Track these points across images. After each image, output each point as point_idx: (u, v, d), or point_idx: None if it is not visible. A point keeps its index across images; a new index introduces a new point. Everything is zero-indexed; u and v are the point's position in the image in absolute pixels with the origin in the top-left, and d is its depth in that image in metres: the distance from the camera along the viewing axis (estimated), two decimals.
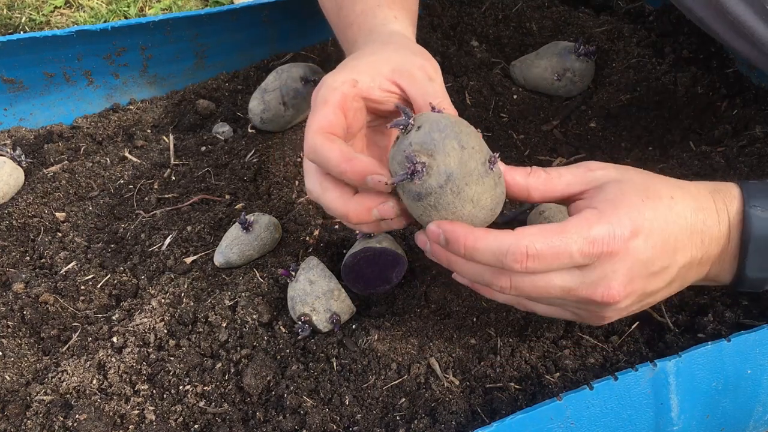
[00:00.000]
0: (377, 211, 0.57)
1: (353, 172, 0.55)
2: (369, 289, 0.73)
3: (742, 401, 0.60)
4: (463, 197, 0.53)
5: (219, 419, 0.64)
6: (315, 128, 0.58)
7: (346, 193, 0.58)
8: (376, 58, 0.63)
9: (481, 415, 0.61)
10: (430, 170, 0.52)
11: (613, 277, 0.52)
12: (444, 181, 0.52)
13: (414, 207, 0.55)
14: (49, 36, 1.00)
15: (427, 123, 0.53)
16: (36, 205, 0.91)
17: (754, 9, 0.74)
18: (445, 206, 0.53)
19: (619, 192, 0.53)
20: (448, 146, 0.52)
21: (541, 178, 0.56)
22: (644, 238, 0.52)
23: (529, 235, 0.51)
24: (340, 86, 0.60)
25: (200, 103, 1.07)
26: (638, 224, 0.52)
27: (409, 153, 0.52)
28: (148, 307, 0.73)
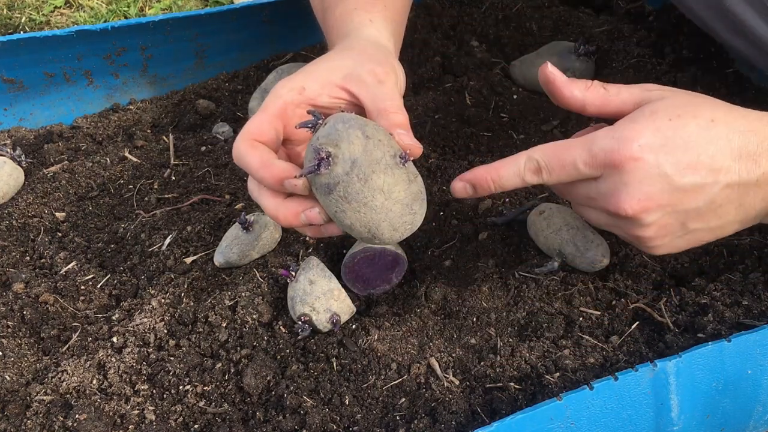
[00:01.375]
0: (304, 215, 0.58)
1: (271, 177, 0.57)
2: (369, 289, 0.73)
3: (742, 401, 0.60)
4: (371, 185, 0.54)
5: (219, 419, 0.64)
6: (242, 135, 0.60)
7: (278, 196, 0.59)
8: (330, 65, 0.65)
9: (481, 415, 0.61)
10: (335, 159, 0.53)
11: (623, 189, 0.53)
12: (350, 167, 0.53)
13: (329, 205, 0.56)
14: (49, 36, 1.00)
15: (332, 118, 0.56)
16: (36, 205, 0.91)
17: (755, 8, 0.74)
18: (354, 196, 0.54)
19: (649, 111, 0.54)
20: (351, 135, 0.54)
21: (599, 93, 0.58)
22: (659, 153, 0.52)
23: (540, 150, 0.56)
24: (285, 94, 0.62)
25: (200, 103, 1.07)
26: (650, 139, 0.52)
27: (315, 146, 0.54)
28: (148, 307, 0.73)
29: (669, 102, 0.55)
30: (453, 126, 0.96)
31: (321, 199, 0.56)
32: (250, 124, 0.60)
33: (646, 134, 0.53)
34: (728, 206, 0.55)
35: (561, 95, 0.58)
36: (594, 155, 0.54)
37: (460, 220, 0.81)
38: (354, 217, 0.55)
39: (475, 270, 0.74)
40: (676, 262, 0.74)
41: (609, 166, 0.53)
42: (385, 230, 0.56)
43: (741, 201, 0.55)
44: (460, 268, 0.75)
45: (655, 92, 0.57)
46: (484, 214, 0.81)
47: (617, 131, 0.54)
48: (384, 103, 0.60)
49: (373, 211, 0.54)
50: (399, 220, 0.56)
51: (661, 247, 0.58)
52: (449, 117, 0.98)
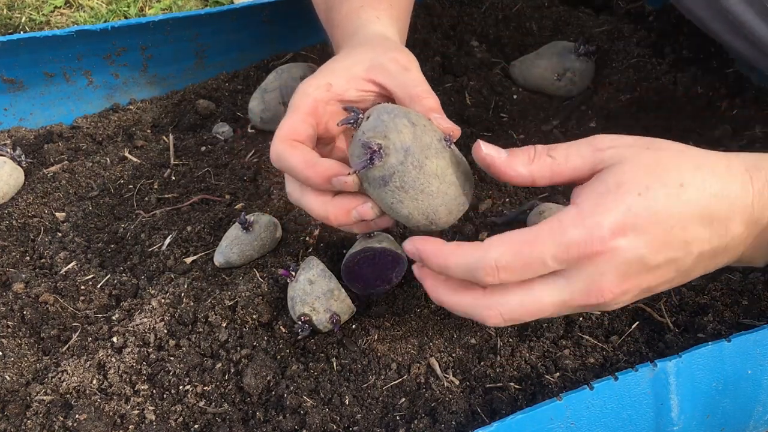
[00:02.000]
0: (356, 212, 0.57)
1: (317, 176, 0.56)
2: (369, 289, 0.73)
3: (743, 401, 0.60)
4: (426, 171, 0.53)
5: (219, 419, 0.64)
6: (279, 136, 0.59)
7: (325, 195, 0.58)
8: (350, 61, 0.64)
9: (481, 415, 0.61)
10: (387, 150, 0.52)
11: (602, 279, 0.49)
12: (403, 156, 0.52)
13: (384, 197, 0.55)
14: (49, 36, 1.00)
15: (374, 110, 0.54)
16: (36, 205, 0.91)
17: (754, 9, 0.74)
18: (411, 184, 0.53)
19: (614, 184, 0.49)
20: (399, 124, 0.53)
21: (546, 164, 0.53)
22: (634, 236, 0.48)
23: (497, 247, 0.49)
24: (313, 92, 0.61)
25: (200, 103, 1.07)
26: (622, 222, 0.48)
27: (363, 140, 0.53)
28: (148, 307, 0.73)
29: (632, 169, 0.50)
30: None
31: (374, 192, 0.55)
32: (285, 125, 0.59)
33: (618, 218, 0.48)
34: (696, 270, 0.53)
35: (505, 175, 0.53)
36: (566, 249, 0.48)
37: (460, 220, 0.80)
38: (412, 206, 0.54)
39: None
40: None
41: (582, 259, 0.48)
42: (442, 214, 0.55)
43: (708, 264, 0.53)
44: None
45: (608, 152, 0.51)
46: (484, 214, 0.81)
47: (587, 218, 0.48)
48: (414, 89, 0.59)
49: (431, 196, 0.54)
50: (454, 202, 0.55)
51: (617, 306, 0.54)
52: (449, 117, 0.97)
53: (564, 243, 0.48)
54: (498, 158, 0.53)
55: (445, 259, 0.51)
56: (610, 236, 0.48)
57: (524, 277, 0.50)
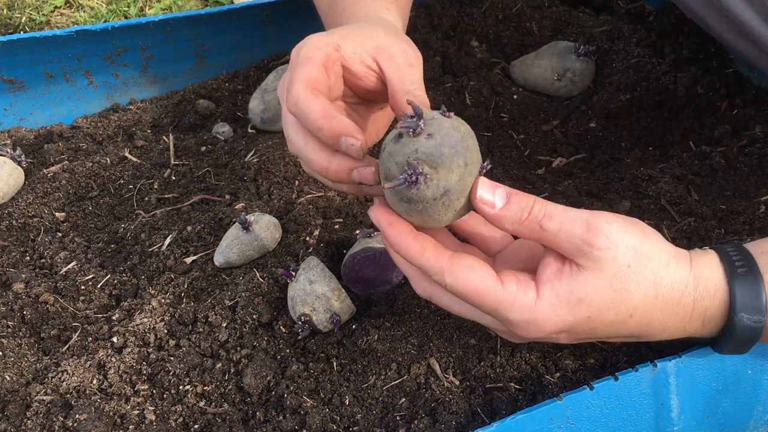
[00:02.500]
0: (357, 173, 0.55)
1: (329, 129, 0.54)
2: (369, 289, 0.73)
3: (742, 401, 0.60)
4: (450, 208, 0.52)
5: (219, 419, 0.64)
6: (300, 80, 0.56)
7: (328, 150, 0.57)
8: (362, 33, 0.63)
9: (481, 415, 0.61)
10: (429, 182, 0.50)
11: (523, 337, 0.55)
12: (440, 195, 0.51)
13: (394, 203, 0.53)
14: (49, 36, 1.00)
15: (439, 134, 0.50)
16: (36, 205, 0.91)
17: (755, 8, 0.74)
18: (430, 214, 0.52)
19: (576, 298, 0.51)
20: (454, 163, 0.50)
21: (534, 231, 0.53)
22: (566, 335, 0.54)
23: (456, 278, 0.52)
24: (324, 47, 0.59)
25: (200, 103, 1.07)
26: (564, 328, 0.52)
27: (412, 160, 0.50)
28: (148, 307, 0.73)
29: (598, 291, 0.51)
30: None
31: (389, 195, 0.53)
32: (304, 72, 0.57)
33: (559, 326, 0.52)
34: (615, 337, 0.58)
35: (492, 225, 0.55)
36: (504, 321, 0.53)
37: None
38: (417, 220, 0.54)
39: None
40: None
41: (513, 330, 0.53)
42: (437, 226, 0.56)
43: None
44: None
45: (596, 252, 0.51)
46: None
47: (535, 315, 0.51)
48: (412, 85, 0.59)
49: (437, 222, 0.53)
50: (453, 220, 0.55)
51: None
52: None
53: (504, 317, 0.52)
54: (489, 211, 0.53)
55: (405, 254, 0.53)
56: (543, 335, 0.53)
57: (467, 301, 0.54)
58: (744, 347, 0.55)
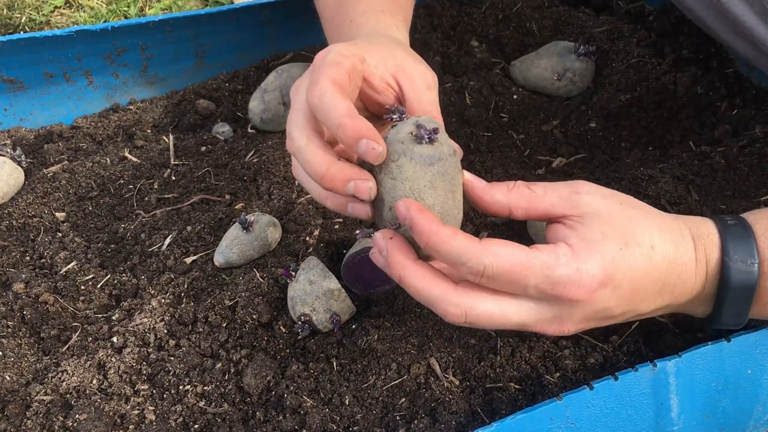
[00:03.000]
0: (353, 184, 0.54)
1: (353, 128, 0.53)
2: (369, 289, 0.73)
3: (742, 401, 0.60)
4: (457, 181, 0.54)
5: (219, 419, 0.64)
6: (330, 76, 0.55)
7: (330, 153, 0.56)
8: (384, 49, 0.63)
9: (481, 415, 0.61)
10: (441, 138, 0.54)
11: (568, 318, 0.53)
12: (452, 152, 0.54)
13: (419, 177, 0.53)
14: (49, 36, 1.00)
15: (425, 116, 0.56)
16: (36, 205, 0.91)
17: (754, 9, 0.74)
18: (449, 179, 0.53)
19: (599, 234, 0.52)
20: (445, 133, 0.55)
21: (524, 196, 0.55)
22: (612, 289, 0.52)
23: (494, 255, 0.50)
24: (351, 56, 0.59)
25: (200, 103, 1.07)
26: (609, 275, 0.51)
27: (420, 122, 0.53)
28: (148, 307, 0.73)
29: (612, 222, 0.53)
30: (453, 126, 0.96)
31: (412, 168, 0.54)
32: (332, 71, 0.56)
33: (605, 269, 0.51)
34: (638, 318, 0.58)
35: (483, 202, 0.55)
36: (551, 285, 0.50)
37: None
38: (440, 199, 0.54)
39: None
40: None
41: (560, 299, 0.51)
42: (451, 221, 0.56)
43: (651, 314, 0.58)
44: None
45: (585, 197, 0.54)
46: (484, 214, 0.81)
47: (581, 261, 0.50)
48: (429, 106, 0.60)
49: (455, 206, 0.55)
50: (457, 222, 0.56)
51: None
52: (449, 117, 0.98)
53: (552, 279, 0.50)
54: (478, 185, 0.55)
55: (437, 242, 0.51)
56: (596, 286, 0.51)
57: (503, 290, 0.52)
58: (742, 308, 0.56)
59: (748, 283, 0.54)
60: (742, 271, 0.54)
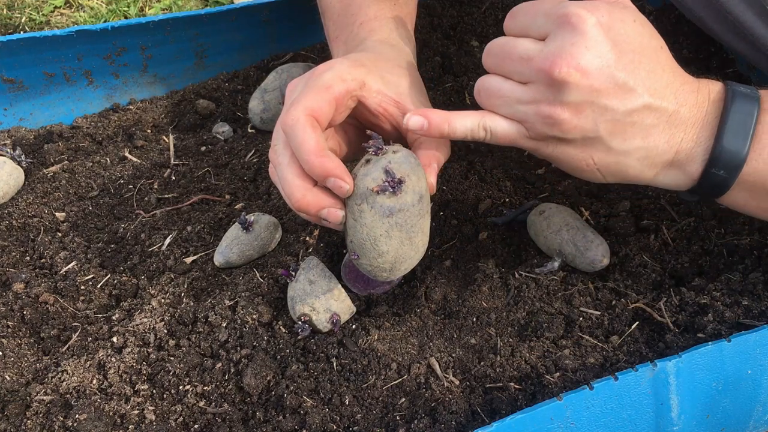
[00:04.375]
0: (326, 212, 0.57)
1: (321, 167, 0.55)
2: (369, 289, 0.73)
3: (742, 401, 0.60)
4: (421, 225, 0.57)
5: (219, 419, 0.64)
6: (303, 107, 0.57)
7: (307, 181, 0.58)
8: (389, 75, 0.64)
9: (481, 415, 0.61)
10: (407, 188, 0.55)
11: (568, 49, 0.52)
12: (417, 200, 0.55)
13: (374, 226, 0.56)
14: (49, 36, 1.00)
15: (402, 150, 0.57)
16: (36, 205, 0.91)
17: (754, 10, 0.74)
18: (407, 229, 0.56)
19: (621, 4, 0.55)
20: (419, 174, 0.56)
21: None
22: (614, 36, 0.53)
23: None
24: (349, 80, 0.59)
25: (200, 103, 1.07)
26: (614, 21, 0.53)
27: (390, 168, 0.55)
28: (148, 307, 0.73)
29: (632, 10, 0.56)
30: None
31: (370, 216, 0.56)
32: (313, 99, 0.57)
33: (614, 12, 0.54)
34: (636, 129, 0.55)
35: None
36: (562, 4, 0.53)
37: (460, 220, 0.81)
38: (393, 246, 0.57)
39: (475, 270, 0.74)
40: (675, 262, 0.74)
41: (567, 23, 0.53)
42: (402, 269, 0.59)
43: (648, 132, 0.56)
44: (460, 268, 0.75)
45: None
46: (484, 214, 0.81)
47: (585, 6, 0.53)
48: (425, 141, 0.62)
49: (412, 249, 0.58)
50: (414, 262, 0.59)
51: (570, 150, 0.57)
52: None
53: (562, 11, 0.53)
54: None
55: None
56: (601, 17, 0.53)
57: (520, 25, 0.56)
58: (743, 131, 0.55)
59: (750, 101, 0.55)
60: (744, 93, 0.56)
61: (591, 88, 0.53)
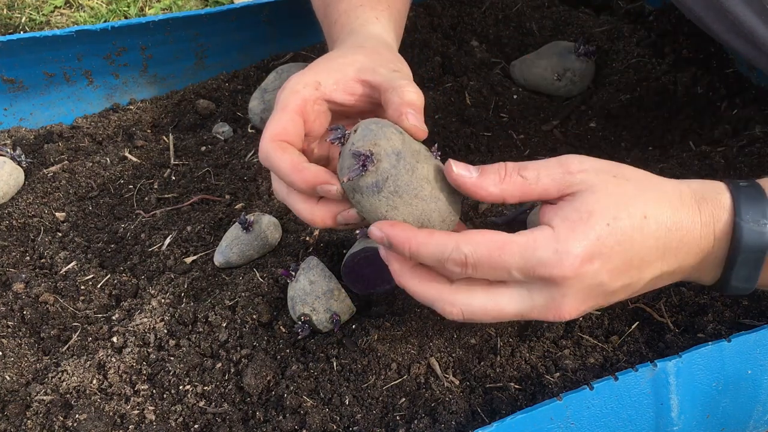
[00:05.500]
0: (341, 217, 0.57)
1: (303, 182, 0.56)
2: (369, 289, 0.73)
3: (742, 401, 0.60)
4: (418, 175, 0.54)
5: (219, 419, 0.64)
6: (268, 135, 0.58)
7: (310, 200, 0.58)
8: (343, 61, 0.63)
9: (481, 415, 0.61)
10: (378, 156, 0.53)
11: (562, 300, 0.52)
12: (395, 159, 0.53)
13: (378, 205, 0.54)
14: (49, 36, 1.00)
15: (361, 124, 0.55)
16: (36, 205, 0.91)
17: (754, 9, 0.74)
18: (405, 188, 0.53)
19: (586, 212, 0.51)
20: (387, 132, 0.54)
21: (517, 183, 0.54)
22: (601, 263, 0.51)
23: (470, 244, 0.51)
24: (301, 89, 0.60)
25: (200, 103, 1.07)
26: (593, 251, 0.50)
27: (353, 150, 0.53)
28: (148, 307, 0.73)
29: (602, 199, 0.52)
30: (453, 126, 0.96)
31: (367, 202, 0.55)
32: (275, 124, 0.58)
33: (588, 246, 0.50)
34: (645, 289, 0.56)
35: (477, 195, 0.55)
36: (532, 267, 0.50)
37: (461, 220, 0.80)
38: (407, 211, 0.54)
39: None
40: None
41: (547, 281, 0.51)
42: (436, 221, 0.55)
43: (657, 284, 0.56)
44: None
45: (578, 176, 0.53)
46: (484, 214, 0.81)
47: (560, 242, 0.50)
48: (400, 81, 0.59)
49: (424, 201, 0.54)
50: (446, 209, 0.55)
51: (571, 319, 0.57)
52: (449, 117, 0.98)
53: (532, 261, 0.50)
54: (469, 179, 0.54)
55: (417, 247, 0.52)
56: (579, 264, 0.50)
57: (490, 277, 0.52)
58: (753, 270, 0.54)
59: (760, 244, 0.53)
60: (753, 231, 0.53)
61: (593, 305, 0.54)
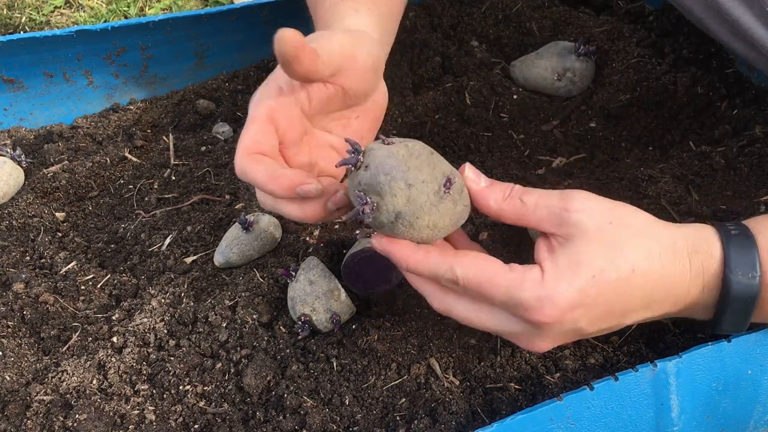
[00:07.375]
0: (331, 203, 0.58)
1: (281, 189, 0.56)
2: (369, 289, 0.73)
3: (743, 402, 0.60)
4: (417, 227, 0.54)
5: (219, 419, 0.64)
6: (241, 150, 0.58)
7: (297, 201, 0.59)
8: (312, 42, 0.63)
9: (481, 415, 0.61)
10: (379, 208, 0.53)
11: (538, 338, 0.53)
12: (393, 218, 0.53)
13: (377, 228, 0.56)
14: (49, 36, 1.00)
15: (373, 164, 0.53)
16: (36, 205, 0.91)
17: (753, 11, 0.74)
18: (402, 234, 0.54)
19: (575, 261, 0.52)
20: (394, 188, 0.53)
21: (516, 207, 0.55)
22: (581, 313, 0.51)
23: (465, 267, 0.53)
24: (266, 99, 0.60)
25: (200, 103, 1.07)
26: (576, 302, 0.51)
27: (358, 193, 0.54)
28: (148, 307, 0.73)
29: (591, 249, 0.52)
30: (453, 126, 0.96)
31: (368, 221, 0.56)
32: (246, 138, 0.59)
33: (570, 298, 0.51)
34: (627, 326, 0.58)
35: (477, 203, 0.57)
36: (514, 306, 0.52)
37: None
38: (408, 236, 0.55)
39: None
40: None
41: (527, 321, 0.52)
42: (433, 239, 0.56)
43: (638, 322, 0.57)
44: None
45: (574, 216, 0.53)
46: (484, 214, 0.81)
47: (545, 289, 0.51)
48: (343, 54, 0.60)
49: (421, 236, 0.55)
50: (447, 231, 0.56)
51: None
52: (449, 117, 0.98)
53: (515, 300, 0.51)
54: (476, 186, 0.56)
55: (415, 264, 0.54)
56: (558, 313, 0.51)
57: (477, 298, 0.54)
58: (742, 317, 0.55)
59: (748, 295, 0.54)
60: (743, 283, 0.54)
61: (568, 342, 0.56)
